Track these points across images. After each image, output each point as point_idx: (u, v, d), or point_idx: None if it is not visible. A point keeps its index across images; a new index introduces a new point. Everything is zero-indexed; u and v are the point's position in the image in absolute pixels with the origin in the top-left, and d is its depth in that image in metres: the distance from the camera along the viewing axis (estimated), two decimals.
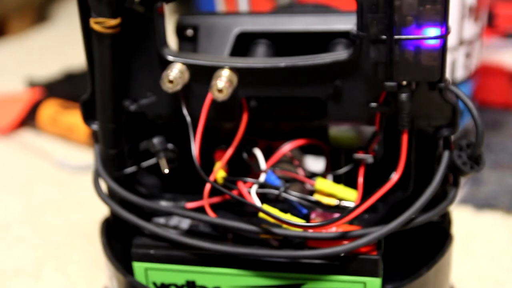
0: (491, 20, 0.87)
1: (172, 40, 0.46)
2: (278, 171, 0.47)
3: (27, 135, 0.97)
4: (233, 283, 0.44)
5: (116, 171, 0.47)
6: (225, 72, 0.42)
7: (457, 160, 0.43)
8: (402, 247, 0.48)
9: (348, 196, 0.45)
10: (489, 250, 0.65)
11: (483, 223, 0.70)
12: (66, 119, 0.93)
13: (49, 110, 0.95)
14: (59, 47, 1.35)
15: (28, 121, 0.98)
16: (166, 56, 0.44)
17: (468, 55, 0.69)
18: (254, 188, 0.45)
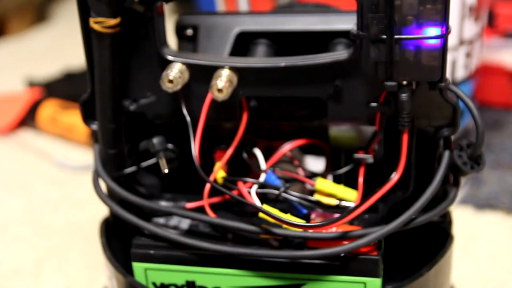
0: (492, 20, 0.87)
1: (172, 40, 0.46)
2: (278, 171, 0.47)
3: (26, 135, 0.97)
4: (233, 283, 0.44)
5: (116, 171, 0.47)
6: (225, 72, 0.42)
7: (457, 160, 0.43)
8: (403, 247, 0.48)
9: (348, 196, 0.45)
10: (489, 250, 0.65)
11: (484, 223, 0.70)
12: (66, 119, 0.93)
13: (48, 110, 0.95)
14: (58, 47, 1.35)
15: (27, 121, 0.98)
16: (166, 56, 0.43)
17: (468, 55, 0.69)
18: (254, 188, 0.45)
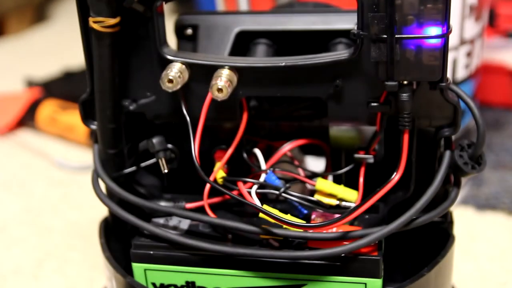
0: (492, 20, 0.87)
1: (171, 39, 0.46)
2: (278, 171, 0.47)
3: (25, 135, 0.97)
4: (233, 284, 0.44)
5: (115, 171, 0.47)
6: (225, 72, 0.42)
7: (458, 160, 0.42)
8: (403, 247, 0.48)
9: (349, 196, 0.45)
10: (490, 250, 0.65)
11: (485, 223, 0.69)
12: (65, 119, 0.92)
13: (48, 109, 0.95)
14: (58, 46, 1.34)
15: (26, 121, 0.98)
16: (165, 55, 0.43)
17: (469, 54, 0.69)
18: (254, 188, 0.45)
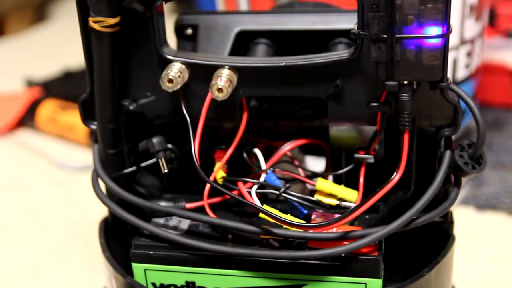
0: (493, 20, 0.87)
1: (171, 39, 0.46)
2: (278, 171, 0.46)
3: (25, 135, 0.97)
4: (233, 284, 0.44)
5: (115, 171, 0.47)
6: (225, 72, 0.42)
7: (458, 160, 0.42)
8: (404, 247, 0.48)
9: (349, 196, 0.45)
10: (490, 250, 0.65)
11: (485, 223, 0.69)
12: (65, 119, 0.92)
13: (47, 109, 0.95)
14: (58, 46, 1.34)
15: (26, 121, 0.98)
16: (165, 55, 0.43)
17: (469, 54, 0.69)
18: (254, 189, 0.45)
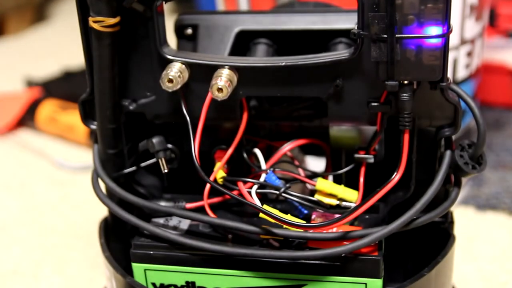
0: (493, 20, 0.87)
1: (171, 39, 0.46)
2: (279, 171, 0.46)
3: (25, 135, 0.97)
4: (233, 284, 0.44)
5: (115, 171, 0.47)
6: (225, 71, 0.42)
7: (458, 160, 0.42)
8: (404, 247, 0.48)
9: (349, 196, 0.45)
10: (490, 250, 0.65)
11: (485, 223, 0.69)
12: (65, 119, 0.92)
13: (47, 109, 0.95)
14: (57, 46, 1.34)
15: (26, 121, 0.98)
16: (165, 55, 0.43)
17: (469, 54, 0.69)
18: (254, 189, 0.45)
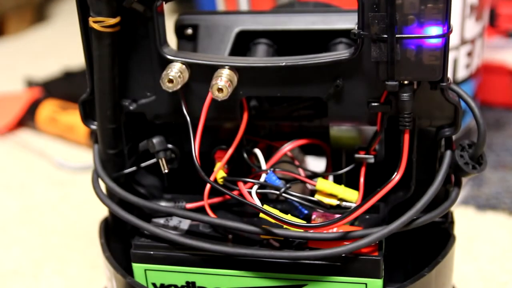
0: (493, 20, 0.87)
1: (171, 39, 0.46)
2: (279, 171, 0.46)
3: (25, 135, 0.97)
4: (233, 284, 0.44)
5: (115, 171, 0.47)
6: (225, 72, 0.42)
7: (459, 160, 0.42)
8: (404, 247, 0.48)
9: (349, 196, 0.45)
10: (491, 251, 0.65)
11: (485, 223, 0.69)
12: (65, 119, 0.92)
13: (48, 110, 0.95)
14: (58, 46, 1.34)
15: (26, 121, 0.98)
16: (165, 55, 0.43)
17: (469, 54, 0.69)
18: (254, 189, 0.45)
